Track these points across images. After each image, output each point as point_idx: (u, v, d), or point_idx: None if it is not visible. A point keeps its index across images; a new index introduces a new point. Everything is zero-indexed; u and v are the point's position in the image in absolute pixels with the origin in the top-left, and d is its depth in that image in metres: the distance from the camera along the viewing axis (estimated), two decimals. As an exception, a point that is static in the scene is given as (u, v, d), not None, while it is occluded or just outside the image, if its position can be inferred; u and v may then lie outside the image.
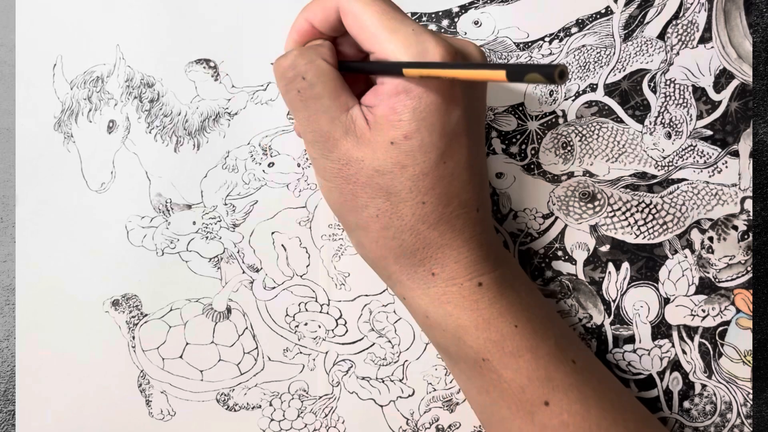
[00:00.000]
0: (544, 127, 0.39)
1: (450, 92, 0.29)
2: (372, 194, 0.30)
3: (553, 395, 0.31)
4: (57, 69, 0.38)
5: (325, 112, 0.30)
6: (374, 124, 0.29)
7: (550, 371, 0.31)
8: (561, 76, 0.22)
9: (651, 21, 0.39)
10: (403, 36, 0.28)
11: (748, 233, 0.39)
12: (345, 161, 0.30)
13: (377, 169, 0.29)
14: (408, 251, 0.30)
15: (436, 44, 0.28)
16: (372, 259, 0.32)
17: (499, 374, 0.31)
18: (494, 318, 0.31)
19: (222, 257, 0.39)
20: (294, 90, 0.30)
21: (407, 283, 0.31)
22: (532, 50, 0.39)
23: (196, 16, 0.38)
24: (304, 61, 0.30)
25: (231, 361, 0.39)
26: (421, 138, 0.28)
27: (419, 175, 0.29)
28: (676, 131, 0.39)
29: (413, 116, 0.28)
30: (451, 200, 0.30)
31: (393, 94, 0.28)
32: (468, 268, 0.31)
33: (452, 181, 0.30)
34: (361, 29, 0.29)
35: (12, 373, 0.39)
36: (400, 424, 0.40)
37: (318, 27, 0.31)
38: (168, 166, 0.39)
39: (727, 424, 0.39)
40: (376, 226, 0.30)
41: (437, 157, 0.29)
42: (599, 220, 0.39)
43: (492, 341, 0.31)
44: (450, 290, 0.31)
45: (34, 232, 0.39)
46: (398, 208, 0.30)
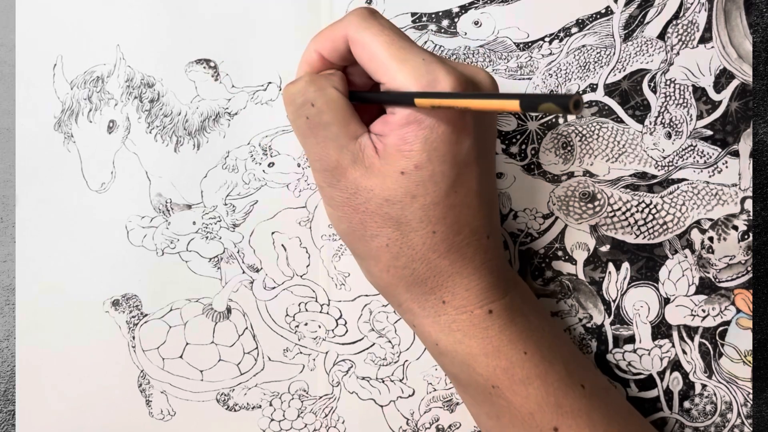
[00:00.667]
0: (544, 127, 0.39)
1: (461, 122, 0.29)
2: (382, 224, 0.30)
3: (562, 421, 0.31)
4: (57, 69, 0.38)
5: (333, 140, 0.29)
6: (384, 153, 0.29)
7: (559, 397, 0.31)
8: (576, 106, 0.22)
9: (651, 21, 0.39)
10: (412, 66, 0.28)
11: (748, 233, 0.39)
12: (353, 190, 0.29)
13: (387, 199, 0.29)
14: (419, 280, 0.30)
15: (446, 73, 0.28)
16: (382, 287, 0.32)
17: (509, 401, 0.31)
18: (504, 345, 0.31)
19: (222, 257, 0.39)
20: (303, 116, 0.30)
21: (417, 311, 0.31)
22: (532, 50, 0.39)
23: (197, 16, 0.38)
24: (314, 88, 0.30)
25: (231, 361, 0.39)
26: (432, 168, 0.28)
27: (430, 205, 0.29)
28: (676, 131, 0.39)
29: (424, 147, 0.28)
30: (461, 229, 0.30)
31: (404, 124, 0.28)
32: (479, 295, 0.31)
33: (462, 210, 0.30)
34: (371, 59, 0.29)
35: (12, 373, 0.39)
36: (400, 424, 0.40)
37: (327, 57, 0.31)
38: (168, 166, 0.39)
39: (728, 424, 0.39)
40: (386, 256, 0.30)
41: (448, 186, 0.29)
42: (599, 220, 0.39)
43: (501, 369, 0.31)
44: (460, 318, 0.31)
45: (34, 232, 0.39)
46: (409, 238, 0.30)
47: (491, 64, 0.39)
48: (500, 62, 0.39)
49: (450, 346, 0.31)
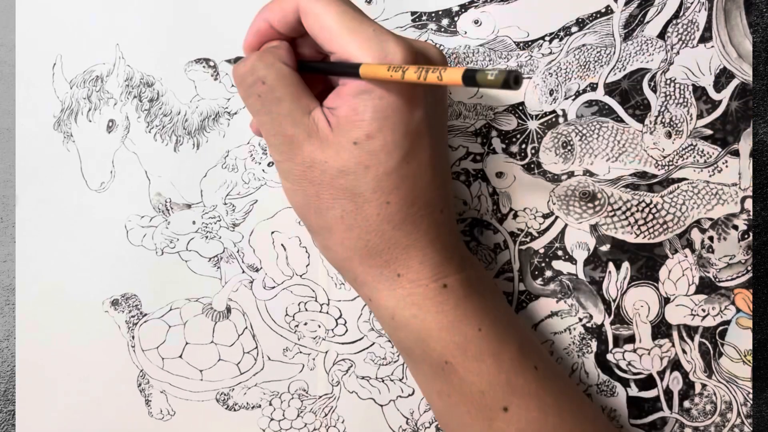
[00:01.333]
0: (544, 126, 0.39)
1: (412, 92, 0.29)
2: (336, 195, 0.30)
3: (512, 401, 0.31)
4: (57, 68, 0.38)
5: (287, 116, 0.29)
6: (336, 125, 0.29)
7: (510, 376, 0.31)
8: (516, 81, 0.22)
9: (651, 20, 0.39)
10: (363, 37, 0.28)
11: (749, 233, 0.39)
12: (309, 163, 0.29)
13: (341, 170, 0.29)
14: (373, 252, 0.30)
15: (396, 45, 0.28)
16: (337, 260, 0.32)
17: (461, 378, 0.31)
18: (458, 320, 0.31)
19: (222, 257, 0.39)
20: (254, 95, 0.30)
21: (373, 284, 0.31)
22: (532, 49, 0.39)
23: (196, 16, 0.38)
24: (263, 65, 0.30)
25: (231, 360, 0.39)
26: (383, 137, 0.28)
27: (383, 175, 0.29)
28: (676, 130, 0.39)
29: (375, 116, 0.28)
30: (415, 200, 0.30)
31: (355, 94, 0.28)
32: (433, 269, 0.31)
33: (416, 181, 0.30)
34: (321, 30, 0.29)
35: (12, 373, 0.39)
36: (399, 424, 0.40)
37: (277, 27, 0.31)
38: (168, 165, 0.39)
39: (727, 424, 0.39)
40: (340, 227, 0.30)
41: (400, 156, 0.29)
42: (599, 220, 0.39)
43: (455, 344, 0.30)
44: (415, 291, 0.31)
45: (34, 232, 0.39)
46: (363, 209, 0.30)
47: (491, 63, 0.39)
48: (500, 61, 0.39)
49: (405, 320, 0.31)
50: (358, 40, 0.28)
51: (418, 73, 0.25)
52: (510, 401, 0.31)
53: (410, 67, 0.26)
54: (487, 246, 0.39)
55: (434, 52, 0.31)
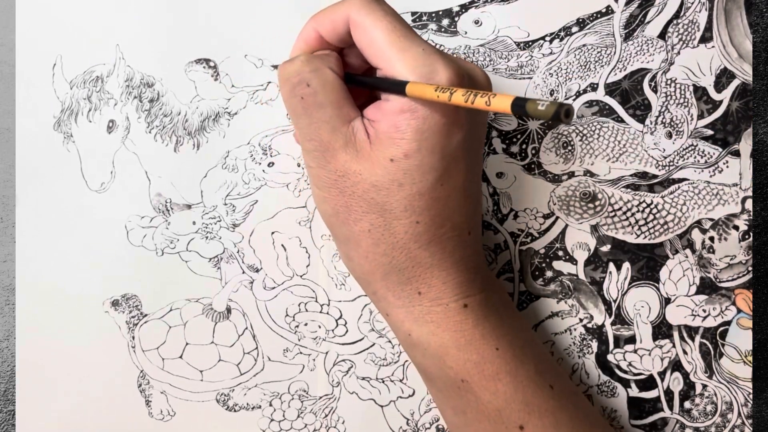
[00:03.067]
0: (545, 126, 0.39)
1: (454, 115, 0.28)
2: (366, 209, 0.30)
3: (528, 420, 0.31)
4: (57, 69, 0.38)
5: (326, 122, 0.29)
6: (375, 139, 0.29)
7: (527, 395, 0.31)
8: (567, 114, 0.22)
9: (652, 20, 0.39)
10: (412, 55, 0.28)
11: (749, 233, 0.39)
12: (342, 173, 0.29)
13: (374, 184, 0.29)
14: (397, 269, 0.30)
15: (444, 66, 0.28)
16: (359, 273, 0.32)
17: (477, 396, 0.31)
18: (476, 340, 0.31)
19: (222, 257, 0.39)
20: (297, 96, 0.30)
21: (392, 300, 0.31)
22: (532, 49, 0.39)
23: (196, 16, 0.38)
24: (310, 69, 0.30)
25: (231, 361, 0.39)
26: (421, 158, 0.28)
27: (415, 195, 0.29)
28: (676, 131, 0.39)
29: (415, 136, 0.28)
30: (444, 222, 0.30)
31: (398, 111, 0.28)
32: (455, 289, 0.31)
33: (447, 204, 0.30)
34: (370, 44, 0.29)
35: (12, 373, 0.39)
36: (400, 424, 0.40)
37: (326, 37, 0.31)
38: (168, 166, 0.39)
39: (728, 425, 0.39)
40: (367, 241, 0.30)
41: (435, 179, 0.29)
42: (600, 220, 0.39)
43: (472, 362, 0.31)
44: (435, 310, 0.31)
45: (34, 232, 0.39)
46: (391, 225, 0.30)
47: (492, 64, 0.39)
48: (501, 61, 0.39)
49: (423, 337, 0.31)
50: (407, 58, 0.28)
51: (466, 96, 0.25)
52: (526, 420, 0.31)
53: (458, 90, 0.25)
54: (487, 246, 0.39)
55: (480, 74, 0.30)
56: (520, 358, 0.31)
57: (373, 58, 0.29)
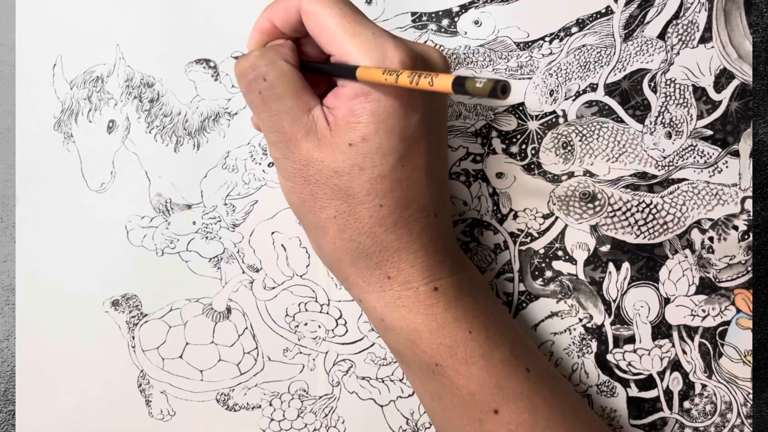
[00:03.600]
0: (545, 126, 0.39)
1: (410, 97, 0.29)
2: (330, 195, 0.30)
3: (503, 403, 0.31)
4: (57, 69, 0.38)
5: (286, 113, 0.30)
6: (334, 125, 0.29)
7: (501, 379, 0.31)
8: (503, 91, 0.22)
9: (651, 21, 0.39)
10: (362, 39, 0.28)
11: (749, 233, 0.39)
12: (306, 161, 0.30)
13: (336, 170, 0.29)
14: (364, 254, 0.30)
15: (395, 48, 0.28)
16: (329, 260, 0.32)
17: (451, 380, 0.31)
18: (448, 323, 0.31)
19: (222, 257, 0.39)
20: (255, 91, 0.30)
21: (363, 285, 0.31)
22: (532, 50, 0.39)
23: (196, 16, 0.38)
24: (265, 62, 0.30)
25: (231, 361, 0.39)
26: (379, 141, 0.28)
27: (377, 178, 0.29)
28: (676, 131, 0.39)
29: (372, 119, 0.28)
30: (409, 204, 0.30)
31: (352, 96, 0.28)
32: (424, 272, 0.31)
33: (410, 185, 0.30)
34: (322, 31, 0.29)
35: (12, 373, 0.39)
36: (400, 424, 0.40)
37: (280, 27, 0.31)
38: (168, 166, 0.39)
39: (727, 424, 0.39)
40: (333, 228, 0.30)
41: (395, 160, 0.29)
42: (599, 220, 0.39)
43: (445, 346, 0.30)
44: (405, 294, 0.31)
45: (34, 232, 0.39)
46: (356, 210, 0.30)
47: (491, 64, 0.39)
48: (500, 62, 0.39)
49: (395, 322, 0.31)
50: (357, 42, 0.28)
51: (411, 78, 0.25)
52: (500, 404, 0.31)
53: (404, 72, 0.26)
54: (487, 246, 0.39)
55: (436, 56, 0.31)
56: (493, 340, 0.31)
57: (326, 44, 0.29)
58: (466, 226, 0.39)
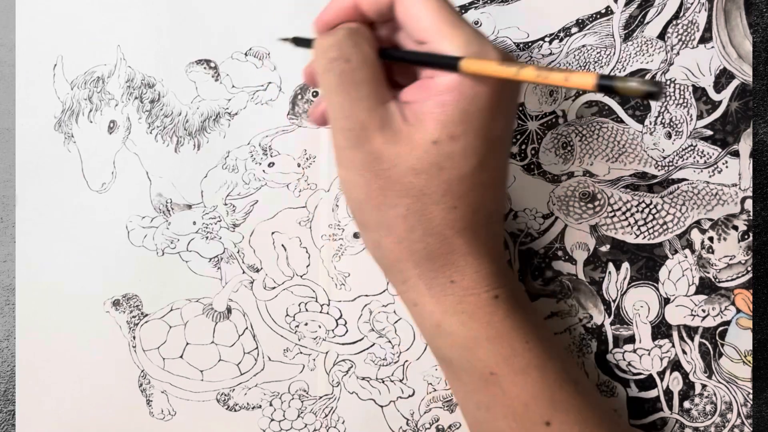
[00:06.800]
0: (544, 127, 0.39)
1: (499, 99, 0.28)
2: (403, 193, 0.28)
3: (555, 416, 0.30)
4: (57, 69, 0.38)
5: (363, 100, 0.28)
6: (416, 120, 0.28)
7: (555, 391, 0.30)
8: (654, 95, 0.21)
9: (651, 21, 0.39)
10: (464, 33, 0.27)
11: (749, 233, 0.39)
12: (377, 155, 0.28)
13: (413, 168, 0.28)
14: (430, 256, 0.29)
15: (494, 49, 0.27)
16: (389, 260, 0.30)
17: (504, 390, 0.30)
18: (507, 332, 0.30)
19: (222, 257, 0.39)
20: (335, 71, 0.29)
21: (423, 289, 0.30)
22: (532, 50, 0.39)
23: (197, 17, 0.38)
24: (351, 43, 0.29)
25: (231, 361, 0.39)
26: (466, 141, 0.27)
27: (455, 179, 0.28)
28: (676, 131, 0.39)
29: (463, 117, 0.27)
30: (479, 209, 0.29)
31: (443, 90, 0.27)
32: (487, 278, 0.30)
33: (485, 190, 0.29)
34: (419, 19, 0.28)
35: (12, 373, 0.39)
36: (400, 425, 0.40)
37: (365, 8, 0.30)
38: (168, 166, 0.39)
39: (728, 424, 0.39)
40: (402, 227, 0.29)
41: (477, 163, 0.28)
42: (599, 220, 0.39)
43: (502, 356, 0.30)
44: (467, 300, 0.30)
45: (34, 232, 0.39)
46: (428, 210, 0.28)
47: (491, 64, 0.39)
48: (500, 62, 0.39)
49: (453, 327, 0.30)
50: (459, 35, 0.27)
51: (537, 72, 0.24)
52: (553, 416, 0.30)
53: (529, 66, 0.25)
54: (487, 246, 0.39)
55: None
56: (548, 352, 0.31)
57: (422, 32, 0.28)
58: (466, 226, 0.39)
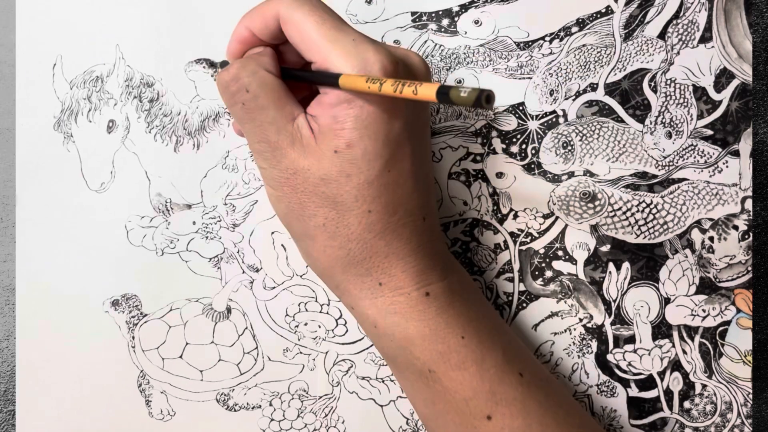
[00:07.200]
0: (545, 126, 0.39)
1: (392, 102, 0.29)
2: (319, 203, 0.30)
3: (495, 409, 0.30)
4: (57, 69, 0.38)
5: (271, 123, 0.29)
6: (318, 133, 0.29)
7: (494, 384, 0.31)
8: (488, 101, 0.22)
9: (651, 20, 0.39)
10: (343, 47, 0.28)
11: (749, 233, 0.39)
12: (292, 171, 0.30)
13: (323, 178, 0.29)
14: (355, 261, 0.30)
15: (375, 55, 0.28)
16: (320, 268, 0.32)
17: (444, 386, 0.31)
18: (441, 329, 0.31)
19: (222, 257, 0.39)
20: (239, 103, 0.30)
21: (354, 293, 0.31)
22: (532, 49, 0.39)
23: (196, 16, 0.38)
24: (246, 73, 0.30)
25: (231, 361, 0.39)
26: (364, 146, 0.28)
27: (364, 184, 0.29)
28: (676, 131, 0.39)
29: (355, 125, 0.28)
30: (396, 209, 0.30)
31: (335, 103, 0.28)
32: (415, 277, 0.31)
33: (397, 190, 0.30)
34: (302, 39, 0.29)
35: (12, 373, 0.39)
36: (400, 424, 0.40)
37: (258, 35, 0.31)
38: (168, 165, 0.39)
39: (728, 424, 0.39)
40: (323, 236, 0.30)
41: (381, 166, 0.29)
42: (600, 220, 0.39)
43: (438, 352, 0.30)
44: (397, 300, 0.31)
45: (34, 232, 0.39)
46: (345, 217, 0.30)
47: (491, 64, 0.39)
48: (500, 61, 0.39)
49: (388, 329, 0.31)
50: (338, 50, 0.28)
51: (394, 86, 0.25)
52: (493, 410, 0.30)
53: (387, 81, 0.26)
54: (487, 246, 0.39)
55: (416, 60, 0.30)
56: (486, 345, 0.31)
57: (306, 52, 0.29)
58: (467, 226, 0.39)
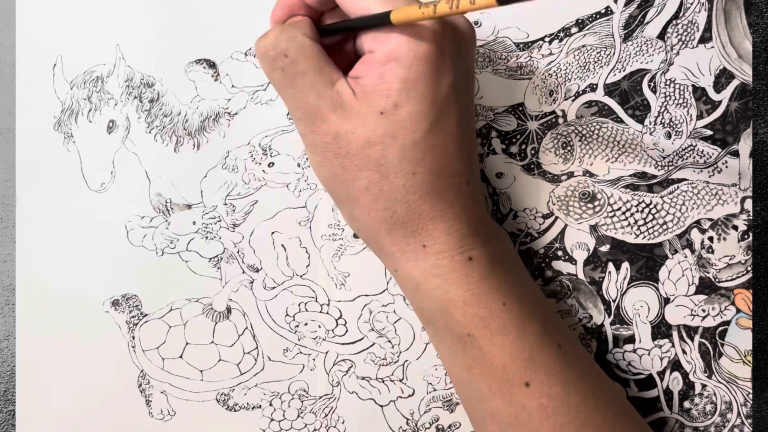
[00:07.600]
0: (544, 127, 0.39)
1: (440, 62, 0.29)
2: (362, 166, 0.30)
3: (534, 377, 0.30)
4: (57, 69, 0.38)
5: (310, 88, 0.30)
6: (362, 94, 0.29)
7: (533, 352, 0.31)
8: None
9: (651, 21, 0.39)
10: None
11: (748, 233, 0.39)
12: (334, 134, 0.30)
13: (367, 141, 0.29)
14: (399, 222, 0.30)
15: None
16: (364, 231, 0.32)
17: (483, 351, 0.31)
18: (483, 294, 0.30)
19: (222, 257, 0.39)
20: (278, 69, 0.30)
21: (398, 255, 0.31)
22: (532, 50, 0.39)
23: (196, 16, 0.38)
24: (285, 38, 0.30)
25: (231, 361, 0.39)
26: (411, 107, 0.28)
27: (409, 145, 0.29)
28: (676, 131, 0.39)
29: (403, 85, 0.28)
30: (441, 171, 0.30)
31: (383, 62, 0.28)
32: (459, 241, 0.31)
33: (442, 152, 0.30)
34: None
35: (12, 373, 0.39)
36: (400, 424, 0.40)
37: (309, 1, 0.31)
38: (168, 166, 0.39)
39: (727, 424, 0.39)
40: (366, 198, 0.30)
41: (427, 127, 0.29)
42: (599, 220, 0.39)
43: (479, 317, 0.30)
44: (441, 263, 0.31)
45: (34, 232, 0.39)
46: (389, 180, 0.30)
47: (491, 64, 0.39)
48: (500, 62, 0.39)
49: (430, 291, 0.31)
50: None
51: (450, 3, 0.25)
52: (532, 377, 0.30)
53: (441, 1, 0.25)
54: (487, 246, 0.39)
55: None
56: (527, 314, 0.31)
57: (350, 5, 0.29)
58: (466, 226, 0.39)
